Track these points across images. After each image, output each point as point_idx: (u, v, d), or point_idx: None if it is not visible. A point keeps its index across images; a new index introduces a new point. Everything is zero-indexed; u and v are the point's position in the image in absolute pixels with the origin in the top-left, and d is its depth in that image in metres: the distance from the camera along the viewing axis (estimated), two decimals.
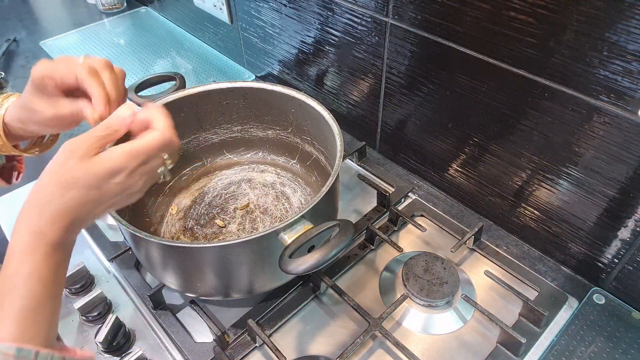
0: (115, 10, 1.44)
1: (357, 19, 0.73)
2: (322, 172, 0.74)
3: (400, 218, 0.73)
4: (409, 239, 0.73)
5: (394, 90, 0.76)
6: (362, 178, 0.80)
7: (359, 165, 0.85)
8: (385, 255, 0.70)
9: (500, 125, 0.63)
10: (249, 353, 0.59)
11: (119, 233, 0.74)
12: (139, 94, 0.69)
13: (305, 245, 0.49)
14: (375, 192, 0.76)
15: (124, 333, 0.60)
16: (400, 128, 0.80)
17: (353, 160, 0.86)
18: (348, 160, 0.85)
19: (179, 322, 0.62)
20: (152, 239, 0.50)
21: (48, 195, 0.42)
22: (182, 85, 0.70)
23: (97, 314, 0.63)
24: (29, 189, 0.43)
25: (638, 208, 0.55)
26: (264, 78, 1.07)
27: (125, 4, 1.46)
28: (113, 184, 0.42)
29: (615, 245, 0.59)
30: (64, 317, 0.64)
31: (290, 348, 0.60)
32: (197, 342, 0.60)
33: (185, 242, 0.68)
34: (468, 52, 0.61)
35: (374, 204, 0.77)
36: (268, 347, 0.57)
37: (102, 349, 0.59)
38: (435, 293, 0.62)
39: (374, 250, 0.71)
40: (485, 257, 0.68)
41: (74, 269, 0.66)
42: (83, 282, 0.66)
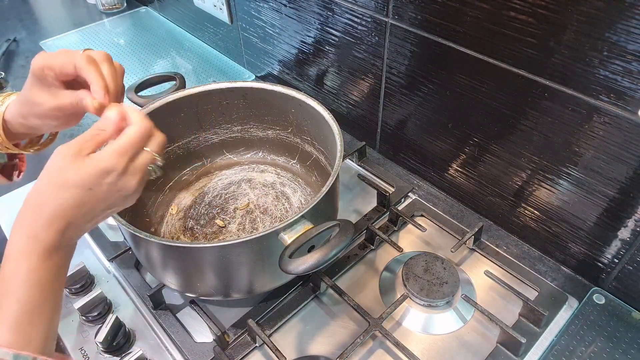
0: (115, 10, 1.44)
1: (357, 19, 0.73)
2: (322, 172, 0.74)
3: (400, 218, 0.73)
4: (409, 239, 0.73)
5: (394, 90, 0.76)
6: (362, 178, 0.80)
7: (359, 165, 0.85)
8: (385, 255, 0.70)
9: (500, 125, 0.63)
10: (249, 353, 0.59)
11: (119, 233, 0.74)
12: (139, 94, 0.69)
13: (305, 245, 0.49)
14: (375, 192, 0.76)
15: (124, 333, 0.60)
16: (400, 128, 0.80)
17: (353, 160, 0.85)
18: (348, 160, 0.85)
19: (179, 322, 0.62)
20: (152, 239, 0.50)
21: (43, 198, 0.42)
22: (182, 85, 0.70)
23: (97, 314, 0.63)
24: (29, 189, 0.43)
25: (638, 208, 0.55)
26: (264, 78, 1.07)
27: (125, 4, 1.46)
28: (105, 185, 0.42)
29: (615, 245, 0.59)
30: (64, 317, 0.64)
31: (290, 348, 0.60)
32: (197, 342, 0.60)
33: (185, 242, 0.68)
34: (468, 52, 0.61)
35: (374, 204, 0.77)
36: (268, 347, 0.57)
37: (102, 349, 0.59)
38: (435, 293, 0.62)
39: (374, 250, 0.71)
40: (485, 257, 0.68)
41: (74, 269, 0.66)
42: (83, 282, 0.66)
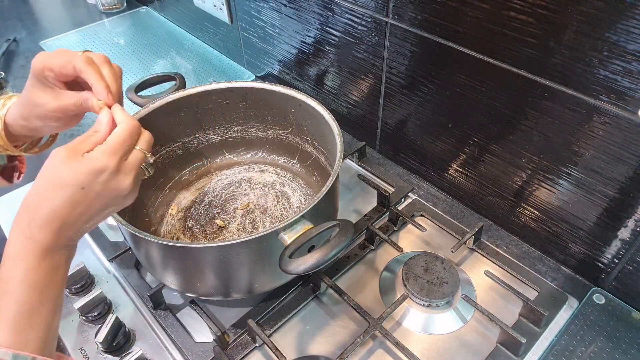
0: (115, 10, 1.44)
1: (357, 19, 0.73)
2: (322, 172, 0.74)
3: (400, 218, 0.72)
4: (409, 239, 0.73)
5: (394, 90, 0.76)
6: (362, 178, 0.80)
7: (359, 165, 0.85)
8: (385, 255, 0.70)
9: (500, 125, 0.63)
10: (249, 353, 0.59)
11: (119, 233, 0.74)
12: (139, 94, 0.69)
13: (305, 245, 0.49)
14: (375, 192, 0.76)
15: (124, 333, 0.60)
16: (400, 128, 0.80)
17: (353, 160, 0.85)
18: (348, 160, 0.85)
19: (179, 322, 0.62)
20: (152, 239, 0.50)
21: (39, 199, 0.42)
22: (182, 85, 0.70)
23: (97, 314, 0.63)
24: (29, 189, 0.43)
25: (638, 208, 0.55)
26: (264, 78, 1.07)
27: (125, 4, 1.46)
28: (98, 184, 0.43)
29: (615, 245, 0.59)
30: (64, 317, 0.64)
31: (290, 348, 0.60)
32: (197, 342, 0.60)
33: (185, 242, 0.68)
34: (468, 52, 0.61)
35: (374, 204, 0.77)
36: (268, 347, 0.57)
37: (102, 349, 0.59)
38: (435, 293, 0.62)
39: (374, 250, 0.71)
40: (485, 257, 0.68)
41: (74, 269, 0.66)
42: (83, 282, 0.66)
